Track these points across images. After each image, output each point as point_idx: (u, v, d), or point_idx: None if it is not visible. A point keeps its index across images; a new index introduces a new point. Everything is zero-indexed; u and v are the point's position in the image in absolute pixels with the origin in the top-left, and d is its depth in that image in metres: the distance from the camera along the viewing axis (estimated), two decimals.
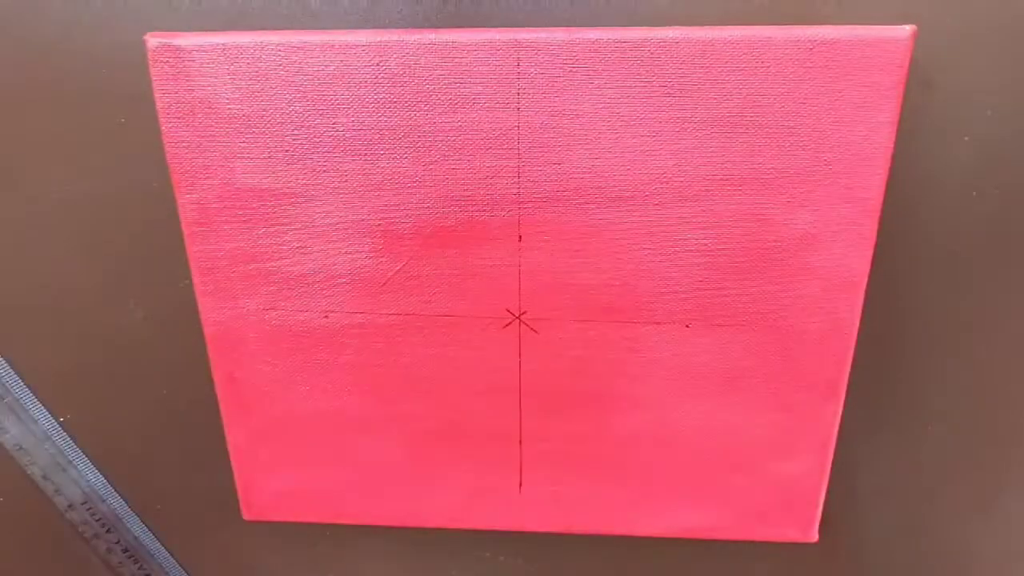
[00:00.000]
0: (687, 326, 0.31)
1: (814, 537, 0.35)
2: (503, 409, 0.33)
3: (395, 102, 0.28)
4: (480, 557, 0.40)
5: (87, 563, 0.41)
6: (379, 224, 0.30)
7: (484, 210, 0.29)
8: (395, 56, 0.27)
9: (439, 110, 0.28)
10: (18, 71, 0.32)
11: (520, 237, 0.30)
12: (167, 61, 0.28)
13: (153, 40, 0.28)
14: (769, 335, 0.31)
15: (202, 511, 0.40)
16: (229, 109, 0.28)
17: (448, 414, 0.33)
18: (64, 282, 0.35)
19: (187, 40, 0.27)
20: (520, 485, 0.35)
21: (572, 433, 0.33)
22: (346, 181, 0.29)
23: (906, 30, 0.26)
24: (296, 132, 0.29)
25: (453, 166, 0.29)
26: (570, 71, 0.27)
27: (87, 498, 0.40)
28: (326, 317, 0.32)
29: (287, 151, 0.29)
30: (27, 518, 0.40)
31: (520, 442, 0.34)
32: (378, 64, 0.27)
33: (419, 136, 0.28)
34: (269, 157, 0.29)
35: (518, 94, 0.28)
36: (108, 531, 0.41)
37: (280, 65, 0.28)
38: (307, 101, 0.28)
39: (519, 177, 0.29)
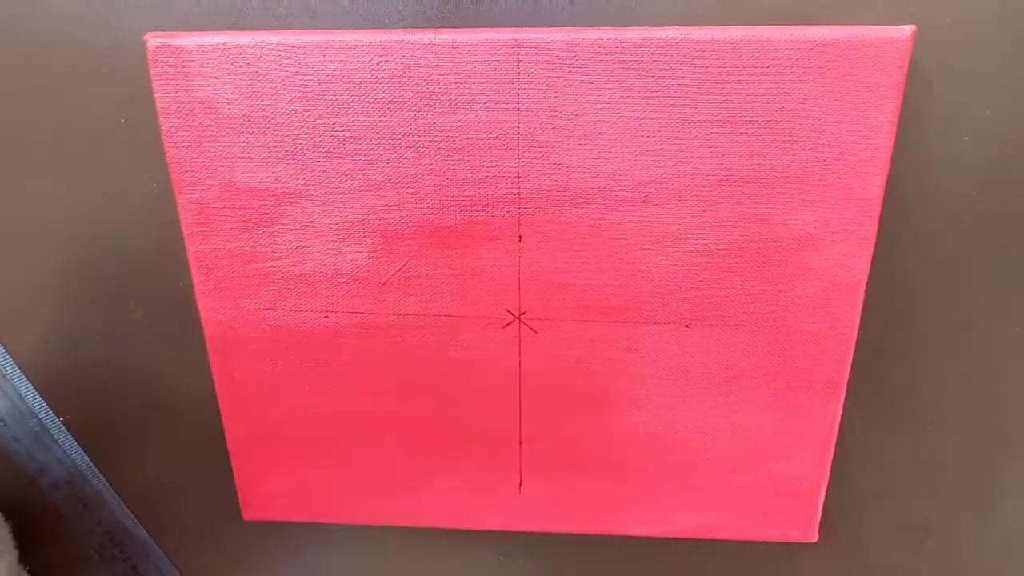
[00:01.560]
0: (687, 326, 0.31)
1: (814, 537, 0.35)
2: (503, 409, 0.33)
3: (395, 102, 0.28)
4: (480, 557, 0.40)
5: (87, 563, 0.41)
6: (379, 224, 0.30)
7: (484, 210, 0.29)
8: (395, 56, 0.27)
9: (439, 110, 0.28)
10: (18, 71, 0.32)
11: (520, 237, 0.30)
12: (167, 61, 0.28)
13: (153, 40, 0.28)
14: (769, 335, 0.31)
15: (202, 511, 0.40)
16: (229, 109, 0.28)
17: (448, 414, 0.33)
18: (64, 282, 0.35)
19: (187, 40, 0.27)
20: (520, 485, 0.35)
21: (572, 433, 0.33)
22: (346, 181, 0.29)
23: (906, 30, 0.26)
24: (296, 132, 0.29)
25: (453, 166, 0.29)
26: (570, 71, 0.27)
27: (86, 497, 0.40)
28: (326, 317, 0.32)
29: (287, 151, 0.29)
30: (24, 517, 0.40)
31: (520, 442, 0.34)
32: (378, 64, 0.27)
33: (419, 136, 0.28)
34: (269, 157, 0.29)
35: (518, 94, 0.28)
36: (108, 534, 0.41)
37: (280, 65, 0.28)
38: (307, 101, 0.28)
39: (519, 177, 0.29)
